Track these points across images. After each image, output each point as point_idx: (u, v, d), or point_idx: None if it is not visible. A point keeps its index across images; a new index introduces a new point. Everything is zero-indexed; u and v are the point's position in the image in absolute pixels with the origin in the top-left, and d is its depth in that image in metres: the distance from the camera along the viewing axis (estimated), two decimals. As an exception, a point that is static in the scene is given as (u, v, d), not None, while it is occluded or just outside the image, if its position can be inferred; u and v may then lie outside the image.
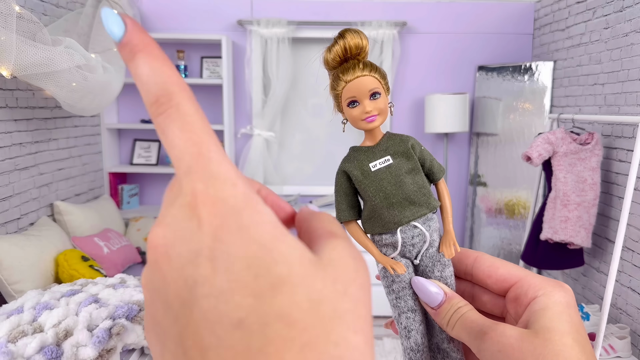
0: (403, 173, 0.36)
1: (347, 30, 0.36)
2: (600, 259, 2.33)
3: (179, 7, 3.06)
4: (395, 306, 0.37)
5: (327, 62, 0.38)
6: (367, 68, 0.36)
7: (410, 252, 0.36)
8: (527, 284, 0.32)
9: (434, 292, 0.34)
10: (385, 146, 0.37)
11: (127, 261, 2.54)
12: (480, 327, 0.31)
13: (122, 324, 1.46)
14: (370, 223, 0.37)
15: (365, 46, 0.36)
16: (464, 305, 0.33)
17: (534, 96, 2.79)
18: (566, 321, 0.29)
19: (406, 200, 0.36)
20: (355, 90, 0.36)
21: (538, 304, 0.30)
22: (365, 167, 0.36)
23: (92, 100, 2.24)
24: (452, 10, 3.10)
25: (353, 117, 0.36)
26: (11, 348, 1.34)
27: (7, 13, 1.62)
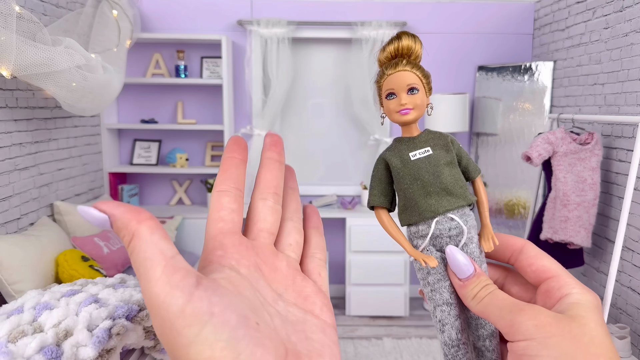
0: (441, 164, 0.37)
1: (404, 32, 0.38)
2: (600, 259, 2.33)
3: (179, 7, 3.06)
4: (430, 299, 0.37)
5: (379, 61, 0.39)
6: (410, 65, 0.37)
7: (447, 245, 0.37)
8: (563, 280, 0.33)
9: (463, 263, 0.35)
10: (426, 138, 0.38)
11: (127, 261, 2.54)
12: (515, 303, 0.32)
13: (122, 324, 1.46)
14: (407, 213, 0.37)
15: (417, 49, 0.38)
16: (490, 284, 0.34)
17: (533, 96, 2.79)
18: (599, 317, 0.31)
19: (443, 190, 0.36)
20: (394, 83, 0.37)
21: (572, 299, 0.31)
22: (405, 156, 0.37)
23: (92, 100, 2.24)
24: (452, 10, 3.10)
25: (389, 109, 0.38)
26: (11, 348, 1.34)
27: (7, 13, 1.62)
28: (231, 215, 0.30)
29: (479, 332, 0.36)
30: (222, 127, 2.99)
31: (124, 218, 0.25)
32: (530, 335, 0.29)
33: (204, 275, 0.26)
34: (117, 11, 2.49)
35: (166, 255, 0.25)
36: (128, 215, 0.25)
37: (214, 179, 3.30)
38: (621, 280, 2.15)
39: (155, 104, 3.18)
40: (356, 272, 2.94)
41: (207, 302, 0.24)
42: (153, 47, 3.10)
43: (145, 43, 3.06)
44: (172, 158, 3.11)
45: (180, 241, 2.98)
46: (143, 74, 3.12)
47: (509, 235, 0.38)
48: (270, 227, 0.32)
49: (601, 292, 2.31)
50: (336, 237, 3.30)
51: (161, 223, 2.86)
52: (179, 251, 2.14)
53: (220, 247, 0.29)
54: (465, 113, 2.96)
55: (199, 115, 3.19)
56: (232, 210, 0.30)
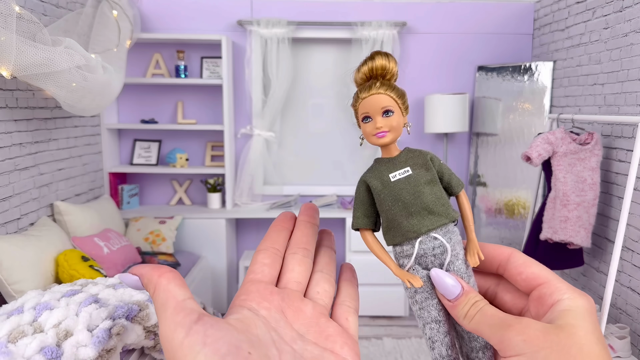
0: (422, 183, 0.37)
1: (378, 52, 0.38)
2: (600, 259, 2.33)
3: (179, 7, 3.06)
4: (419, 317, 0.37)
5: (355, 81, 0.39)
6: (384, 87, 0.37)
7: (432, 264, 0.37)
8: (554, 286, 0.33)
9: (451, 285, 0.35)
10: (405, 158, 0.38)
11: (127, 261, 2.54)
12: (503, 319, 0.32)
13: (122, 324, 1.46)
14: (391, 234, 0.37)
15: (391, 68, 0.38)
16: (480, 300, 0.34)
17: (533, 96, 2.79)
18: (590, 322, 0.30)
19: (425, 209, 0.36)
20: (368, 107, 0.37)
21: (562, 305, 0.31)
22: (385, 177, 0.37)
23: (92, 101, 2.24)
24: (452, 10, 3.10)
25: (366, 132, 0.38)
26: (11, 348, 1.34)
27: (7, 13, 1.62)
28: (262, 268, 0.35)
29: (472, 345, 0.37)
30: (222, 127, 2.99)
31: (148, 274, 0.30)
32: (519, 350, 0.30)
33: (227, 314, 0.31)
34: (117, 11, 2.49)
35: (177, 299, 0.29)
36: (151, 272, 0.30)
37: (214, 179, 3.31)
38: (621, 280, 2.15)
39: (155, 104, 3.18)
40: (356, 272, 2.93)
41: (202, 335, 0.27)
42: (153, 47, 3.10)
43: (145, 43, 3.06)
44: (172, 158, 3.11)
45: (180, 241, 2.99)
46: (143, 74, 3.12)
47: (495, 245, 0.38)
48: (297, 276, 0.36)
49: (601, 292, 2.31)
50: (336, 237, 3.30)
51: (161, 223, 2.86)
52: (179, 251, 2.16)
53: (245, 292, 0.33)
54: (465, 113, 2.97)
55: (199, 115, 3.20)
56: (264, 265, 0.35)
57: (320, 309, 0.35)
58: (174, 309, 0.28)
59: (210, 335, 0.27)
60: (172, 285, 0.30)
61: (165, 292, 0.29)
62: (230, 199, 3.11)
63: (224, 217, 2.99)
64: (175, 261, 2.71)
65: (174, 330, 0.27)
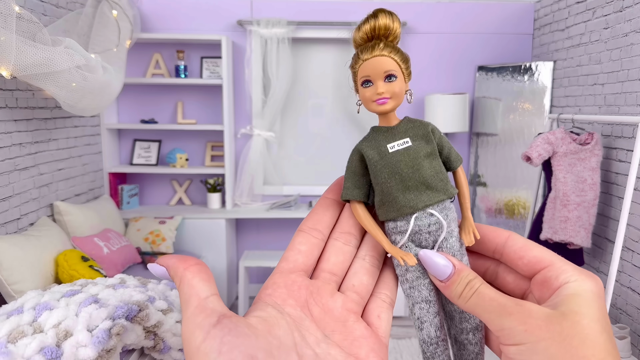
0: (421, 156, 0.34)
1: (381, 10, 0.35)
2: (600, 259, 2.33)
3: (178, 7, 3.06)
4: (409, 296, 0.35)
5: (355, 40, 0.36)
6: (388, 49, 0.34)
7: (426, 241, 0.34)
8: (560, 268, 0.31)
9: (442, 265, 0.33)
10: (405, 128, 0.35)
11: (127, 261, 2.54)
12: (503, 305, 0.30)
13: (121, 324, 1.46)
14: (384, 208, 0.35)
15: (395, 29, 0.35)
16: (474, 279, 0.32)
17: (533, 96, 2.79)
18: (596, 308, 0.29)
19: (423, 184, 0.34)
20: (370, 70, 0.34)
21: (568, 289, 0.30)
22: (383, 147, 0.35)
23: (92, 101, 2.24)
24: (452, 10, 3.10)
25: (365, 97, 0.35)
26: (11, 348, 1.34)
27: (7, 13, 1.62)
28: (296, 256, 0.33)
29: (463, 325, 0.35)
30: (222, 127, 2.99)
31: (174, 266, 0.30)
32: (520, 340, 0.29)
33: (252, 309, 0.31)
34: (117, 11, 2.49)
35: (200, 296, 0.28)
36: (177, 263, 0.30)
37: (214, 179, 3.30)
38: (621, 281, 2.15)
39: (155, 104, 3.18)
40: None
41: (219, 342, 0.26)
42: (153, 47, 3.10)
43: (145, 43, 3.06)
44: (172, 158, 3.10)
45: (180, 241, 2.98)
46: (143, 74, 3.12)
47: (492, 227, 0.36)
48: (332, 267, 0.34)
49: (601, 292, 2.31)
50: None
51: (161, 223, 2.86)
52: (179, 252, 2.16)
53: (271, 285, 0.32)
54: (465, 113, 2.96)
55: (199, 116, 3.19)
56: (299, 252, 0.33)
57: (351, 306, 0.33)
58: (195, 308, 0.28)
59: (227, 343, 0.26)
60: (196, 280, 0.29)
61: (189, 287, 0.29)
62: (230, 199, 3.10)
63: (223, 217, 2.99)
64: (175, 261, 2.70)
65: (192, 331, 0.27)
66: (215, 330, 0.27)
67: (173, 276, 0.30)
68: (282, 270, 0.33)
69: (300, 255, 0.33)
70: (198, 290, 0.28)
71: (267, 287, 0.32)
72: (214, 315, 0.27)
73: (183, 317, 0.28)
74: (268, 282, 0.32)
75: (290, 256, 0.33)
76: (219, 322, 0.27)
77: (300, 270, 0.33)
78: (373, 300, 0.35)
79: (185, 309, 0.28)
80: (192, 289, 0.28)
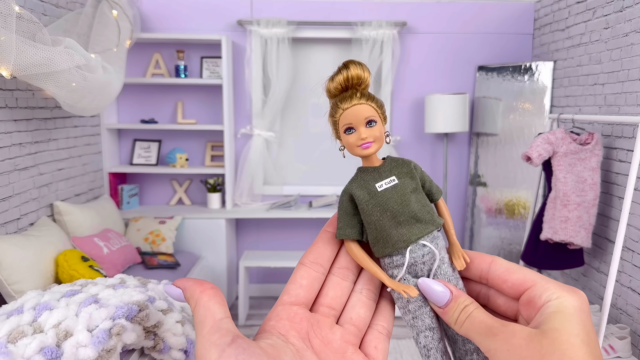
0: (408, 192, 0.37)
1: (351, 61, 0.37)
2: (600, 259, 2.33)
3: (178, 7, 3.05)
4: (413, 326, 0.37)
5: (329, 91, 0.38)
6: (365, 97, 0.37)
7: (422, 271, 0.37)
8: (542, 287, 0.32)
9: (440, 292, 0.35)
10: (389, 167, 0.38)
11: (127, 261, 2.54)
12: (490, 327, 0.31)
13: (121, 325, 1.46)
14: (380, 245, 0.37)
15: (366, 78, 0.37)
16: (470, 304, 0.34)
17: (534, 96, 2.79)
18: (577, 323, 0.29)
19: (413, 218, 0.36)
20: (351, 117, 0.36)
21: (550, 307, 0.31)
22: (372, 187, 0.37)
23: (92, 101, 2.24)
24: (452, 10, 3.10)
25: (349, 143, 0.37)
26: (11, 349, 1.34)
27: (7, 13, 1.62)
28: (298, 290, 0.35)
29: (466, 347, 0.37)
30: (222, 127, 2.98)
31: (191, 289, 0.31)
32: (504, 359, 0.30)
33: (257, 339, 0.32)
34: (117, 11, 2.49)
35: (215, 317, 0.30)
36: (194, 286, 0.31)
37: (214, 179, 3.29)
38: (621, 281, 2.14)
39: (155, 104, 3.17)
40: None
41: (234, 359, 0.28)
42: (153, 47, 3.10)
43: (145, 43, 3.06)
44: (172, 158, 3.10)
45: (180, 241, 2.98)
46: (143, 74, 3.12)
47: (475, 252, 0.38)
48: (330, 301, 0.36)
49: (601, 292, 2.31)
50: (336, 237, 3.29)
51: (161, 223, 2.86)
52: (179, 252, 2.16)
53: (274, 317, 0.34)
54: (465, 113, 2.96)
55: (199, 115, 3.19)
56: (301, 286, 0.35)
57: (349, 338, 0.35)
58: (211, 328, 0.29)
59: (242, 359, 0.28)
60: (212, 303, 0.30)
61: (205, 309, 0.30)
62: (230, 199, 3.10)
63: (223, 217, 2.99)
64: (175, 261, 2.70)
65: (208, 349, 0.28)
66: (230, 349, 0.28)
67: (189, 298, 0.31)
68: (284, 303, 0.34)
69: (302, 289, 0.35)
70: (214, 312, 0.30)
71: (270, 319, 0.34)
72: (228, 335, 0.29)
73: (198, 336, 0.29)
74: (271, 314, 0.34)
75: (292, 289, 0.35)
76: (233, 341, 0.28)
77: (301, 304, 0.35)
78: (370, 332, 0.37)
79: (200, 328, 0.29)
80: (207, 311, 0.30)
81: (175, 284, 0.32)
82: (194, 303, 0.31)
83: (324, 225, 0.39)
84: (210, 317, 0.30)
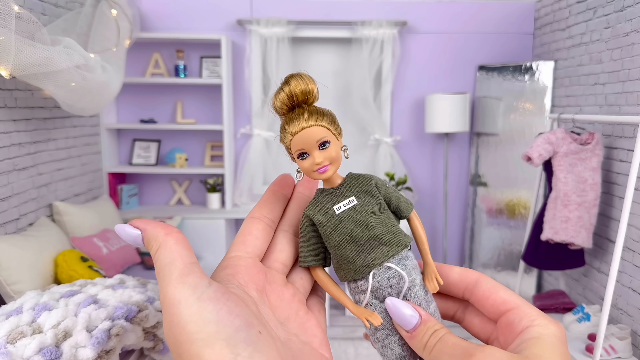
0: (369, 213, 0.34)
1: (292, 75, 0.34)
2: (601, 259, 2.32)
3: (178, 7, 3.05)
4: (382, 354, 0.35)
5: (275, 109, 0.35)
6: (313, 117, 0.34)
7: (389, 294, 0.34)
8: (523, 312, 0.31)
9: (408, 315, 0.33)
10: (348, 187, 0.35)
11: (126, 262, 2.53)
12: (465, 348, 0.30)
13: (121, 325, 1.45)
14: (342, 271, 0.35)
15: (312, 90, 0.34)
16: (440, 329, 0.32)
17: (534, 96, 2.78)
18: (559, 352, 0.29)
19: (375, 240, 0.34)
20: (302, 143, 0.34)
21: (531, 333, 0.30)
22: (330, 210, 0.34)
23: (91, 100, 2.23)
24: (453, 9, 3.10)
25: (305, 168, 0.34)
26: (10, 349, 1.33)
27: (6, 13, 1.61)
28: (255, 242, 0.33)
29: None
30: (222, 127, 2.98)
31: (153, 231, 0.28)
32: None
33: None
34: (116, 11, 2.49)
35: (185, 260, 0.27)
36: (157, 228, 0.28)
37: (214, 179, 3.29)
38: (622, 281, 2.14)
39: (155, 103, 3.17)
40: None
41: (215, 303, 0.25)
42: (152, 47, 3.09)
43: (144, 43, 3.05)
44: (172, 158, 3.10)
45: (180, 241, 2.98)
46: (142, 73, 3.11)
47: (462, 268, 0.36)
48: (285, 258, 0.35)
49: (602, 292, 2.30)
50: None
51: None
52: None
53: (232, 267, 0.31)
54: (466, 113, 2.96)
55: (199, 115, 3.19)
56: (257, 238, 0.33)
57: (299, 297, 0.34)
58: (182, 270, 0.26)
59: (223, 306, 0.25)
60: (180, 247, 0.28)
61: (172, 252, 0.27)
62: (230, 199, 3.10)
63: (223, 218, 2.99)
64: (174, 261, 2.70)
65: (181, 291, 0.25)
66: (210, 292, 0.26)
67: (150, 240, 0.28)
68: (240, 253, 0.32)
69: (258, 241, 0.33)
70: (182, 255, 0.27)
71: (226, 267, 0.31)
72: (204, 278, 0.26)
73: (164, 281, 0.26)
74: (227, 262, 0.31)
75: (249, 241, 0.33)
76: (210, 284, 0.26)
77: (257, 256, 0.33)
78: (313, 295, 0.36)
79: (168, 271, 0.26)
80: (176, 254, 0.27)
81: (133, 224, 0.29)
82: (157, 246, 0.28)
83: None
84: (179, 260, 0.27)
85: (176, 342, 0.25)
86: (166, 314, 0.26)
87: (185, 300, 0.25)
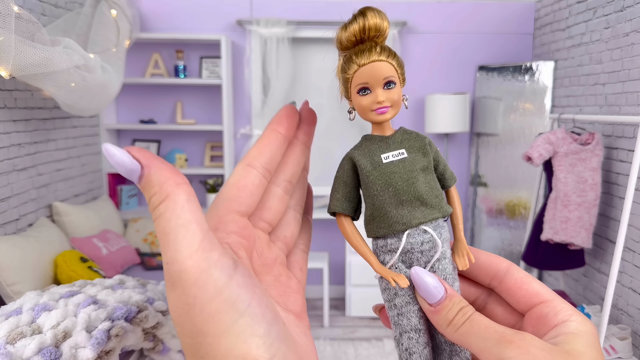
0: (417, 169, 0.32)
1: (369, 8, 0.32)
2: (601, 260, 2.32)
3: (178, 7, 3.05)
4: (396, 324, 0.32)
5: (340, 42, 0.33)
6: (385, 53, 0.31)
7: (418, 261, 0.32)
8: (559, 306, 0.30)
9: (432, 286, 0.30)
10: (400, 139, 0.33)
11: (126, 262, 2.53)
12: (501, 333, 0.28)
13: (121, 326, 1.45)
14: (374, 224, 0.32)
15: (385, 29, 0.32)
16: (466, 306, 0.30)
17: (534, 96, 2.78)
18: (598, 352, 0.28)
19: (417, 199, 0.31)
20: (368, 76, 0.31)
21: (569, 328, 0.29)
22: (377, 157, 0.32)
23: (91, 101, 2.23)
24: (453, 10, 3.10)
25: (362, 106, 0.32)
26: (10, 349, 1.33)
27: (6, 13, 1.61)
28: (248, 200, 0.29)
29: (453, 359, 0.33)
30: (222, 127, 2.98)
31: (161, 175, 0.23)
32: None
33: None
34: (116, 11, 2.48)
35: (202, 227, 0.23)
36: (166, 173, 0.23)
37: (213, 180, 3.28)
38: (622, 281, 2.14)
39: (154, 104, 3.17)
40: (356, 272, 2.93)
41: (245, 292, 0.22)
42: (152, 47, 3.09)
43: (144, 43, 3.05)
44: (171, 158, 3.10)
45: (180, 242, 2.98)
46: (142, 74, 3.11)
47: (491, 254, 0.34)
48: (272, 218, 0.31)
49: (602, 292, 2.30)
50: (336, 238, 3.29)
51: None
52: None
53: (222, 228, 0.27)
54: (466, 113, 2.96)
55: (198, 116, 3.19)
56: (251, 194, 0.29)
57: (282, 259, 0.31)
58: (203, 241, 0.22)
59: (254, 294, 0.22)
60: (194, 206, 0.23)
61: (185, 211, 0.23)
62: (230, 200, 3.09)
63: (223, 218, 2.98)
64: (174, 262, 2.70)
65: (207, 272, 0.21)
66: (238, 277, 0.22)
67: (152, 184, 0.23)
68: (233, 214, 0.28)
69: (252, 199, 0.29)
70: (198, 218, 0.23)
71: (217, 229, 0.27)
72: (228, 256, 0.23)
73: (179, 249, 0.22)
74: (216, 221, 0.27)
75: (242, 198, 0.28)
76: (236, 266, 0.23)
77: (248, 215, 0.29)
78: (294, 251, 0.33)
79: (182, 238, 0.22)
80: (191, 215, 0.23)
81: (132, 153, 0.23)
82: (162, 197, 0.23)
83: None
84: (196, 225, 0.23)
85: (197, 331, 0.22)
86: (182, 295, 0.22)
87: (213, 283, 0.21)
